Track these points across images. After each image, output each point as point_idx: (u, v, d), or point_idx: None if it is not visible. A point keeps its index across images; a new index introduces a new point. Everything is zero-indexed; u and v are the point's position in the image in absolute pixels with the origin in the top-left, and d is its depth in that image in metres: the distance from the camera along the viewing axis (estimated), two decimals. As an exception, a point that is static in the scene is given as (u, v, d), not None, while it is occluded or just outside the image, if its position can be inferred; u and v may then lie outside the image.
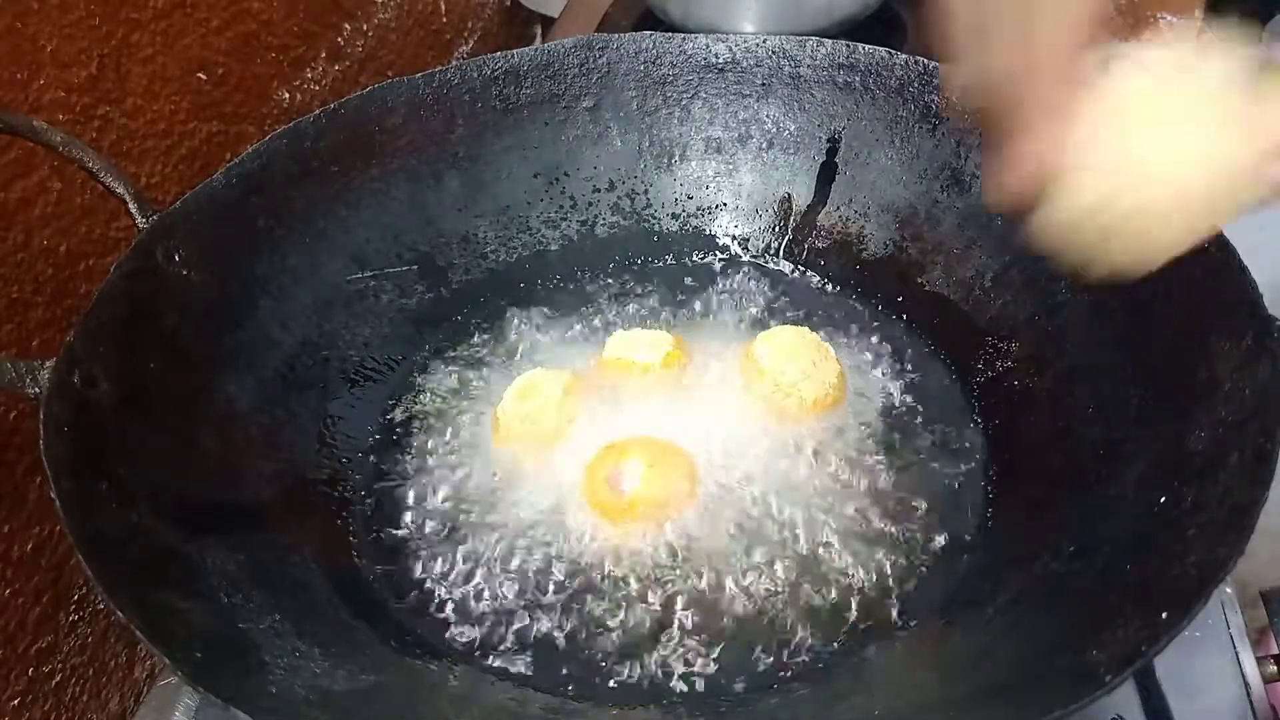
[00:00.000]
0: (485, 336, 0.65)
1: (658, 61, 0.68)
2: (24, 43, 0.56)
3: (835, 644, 0.48)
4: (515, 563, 0.51)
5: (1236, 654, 0.51)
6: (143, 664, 0.65)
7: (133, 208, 0.52)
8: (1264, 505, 0.38)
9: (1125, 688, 0.50)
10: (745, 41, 0.67)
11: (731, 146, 0.70)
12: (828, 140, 0.68)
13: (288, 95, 0.80)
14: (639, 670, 0.47)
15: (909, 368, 0.61)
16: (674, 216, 0.71)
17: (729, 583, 0.50)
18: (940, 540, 0.51)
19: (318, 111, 0.61)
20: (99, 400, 0.46)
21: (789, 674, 0.47)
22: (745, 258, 0.70)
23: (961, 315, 0.62)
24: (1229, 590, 0.53)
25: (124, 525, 0.43)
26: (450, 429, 0.59)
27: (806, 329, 0.60)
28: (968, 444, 0.56)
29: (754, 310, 0.65)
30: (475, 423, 0.59)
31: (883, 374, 0.60)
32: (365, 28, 0.90)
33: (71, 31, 0.59)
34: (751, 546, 0.51)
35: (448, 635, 0.49)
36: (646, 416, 0.56)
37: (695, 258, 0.70)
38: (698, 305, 0.66)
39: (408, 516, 0.54)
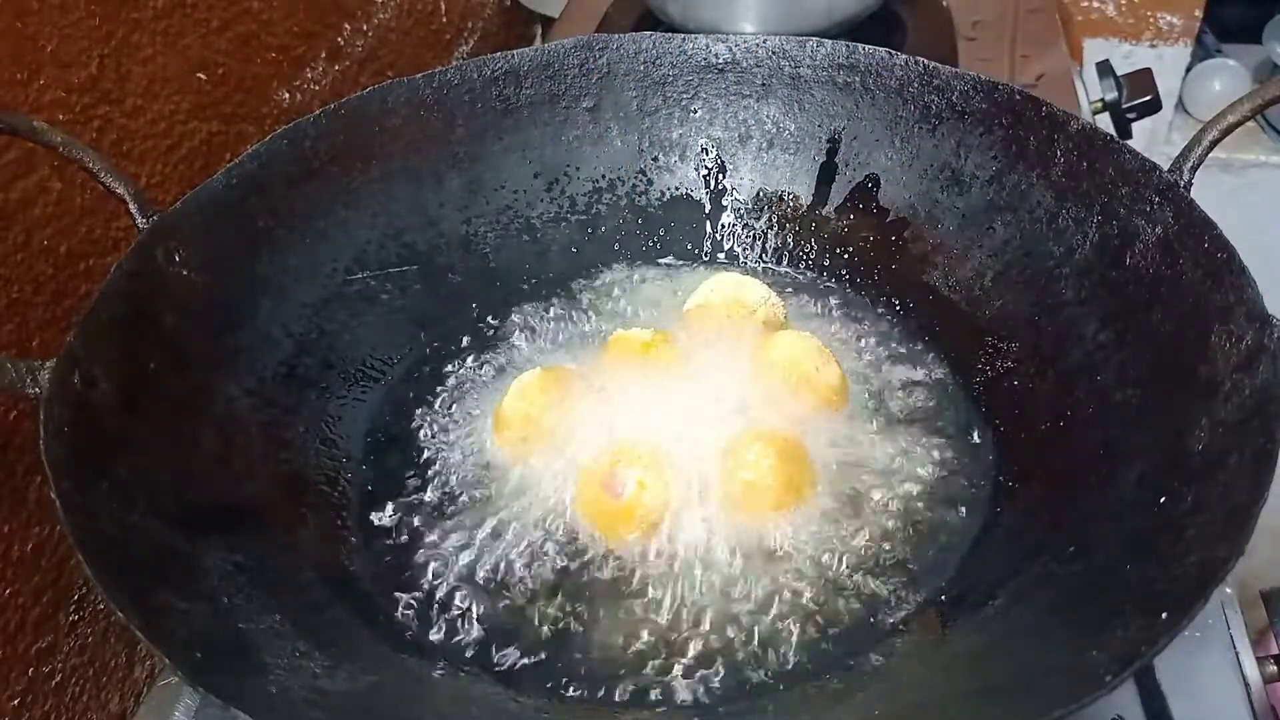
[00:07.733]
0: (485, 336, 0.65)
1: (658, 62, 0.68)
2: (24, 43, 0.56)
3: (834, 646, 0.47)
4: (515, 564, 0.51)
5: (1236, 654, 0.51)
6: (143, 664, 0.65)
7: (133, 208, 0.52)
8: (1264, 505, 0.38)
9: (1125, 688, 0.50)
10: (745, 42, 0.67)
11: (731, 146, 0.70)
12: (828, 140, 0.67)
13: (288, 95, 0.80)
14: (639, 673, 0.47)
15: (909, 369, 0.60)
16: (674, 217, 0.71)
17: (727, 586, 0.50)
18: (940, 541, 0.51)
19: (318, 111, 0.61)
20: (99, 401, 0.46)
21: (787, 677, 0.46)
22: (746, 258, 0.70)
23: (961, 315, 0.62)
24: (1229, 590, 0.53)
25: (124, 525, 0.43)
26: (450, 429, 0.59)
27: (809, 334, 0.60)
28: (968, 444, 0.56)
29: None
30: (476, 422, 0.59)
31: (883, 376, 0.60)
32: (365, 28, 0.90)
33: (71, 31, 0.59)
34: (750, 550, 0.51)
35: (448, 636, 0.49)
36: (646, 418, 0.56)
37: (696, 258, 0.70)
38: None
39: (408, 517, 0.54)
